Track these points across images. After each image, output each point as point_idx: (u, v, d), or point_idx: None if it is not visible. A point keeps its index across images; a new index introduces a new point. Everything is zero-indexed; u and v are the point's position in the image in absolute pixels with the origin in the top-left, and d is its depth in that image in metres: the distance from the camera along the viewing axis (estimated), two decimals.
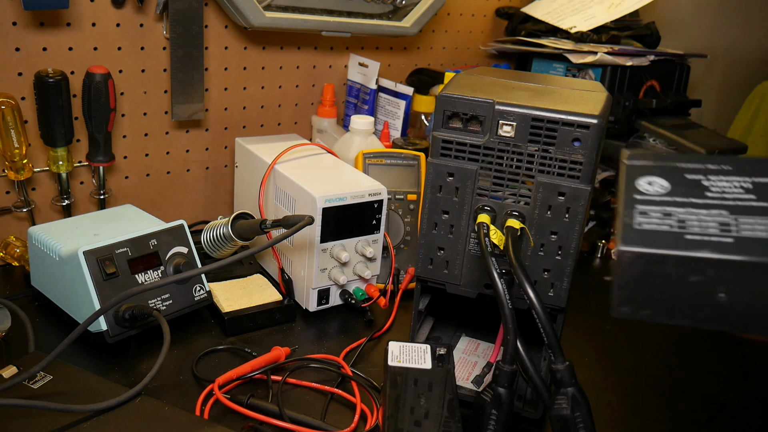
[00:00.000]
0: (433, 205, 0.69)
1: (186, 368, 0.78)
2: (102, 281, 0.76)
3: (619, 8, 1.21)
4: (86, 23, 0.95)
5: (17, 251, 0.94)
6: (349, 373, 0.78)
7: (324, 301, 0.91)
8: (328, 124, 1.19)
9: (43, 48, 0.92)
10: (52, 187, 0.99)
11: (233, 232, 0.88)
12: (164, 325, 0.73)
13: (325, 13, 1.10)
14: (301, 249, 0.89)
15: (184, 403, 0.71)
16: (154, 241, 0.82)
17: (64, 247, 0.79)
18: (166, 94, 1.05)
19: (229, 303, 0.87)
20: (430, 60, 1.34)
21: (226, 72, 1.09)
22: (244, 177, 1.06)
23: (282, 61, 1.15)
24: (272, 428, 0.68)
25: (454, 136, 0.67)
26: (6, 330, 0.78)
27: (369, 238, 0.91)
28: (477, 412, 0.62)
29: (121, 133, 1.03)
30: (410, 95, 1.19)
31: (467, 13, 1.35)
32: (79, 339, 0.70)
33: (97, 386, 0.68)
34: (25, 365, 0.70)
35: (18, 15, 0.90)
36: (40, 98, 0.89)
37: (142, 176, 1.07)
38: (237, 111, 1.13)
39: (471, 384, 0.77)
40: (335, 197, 0.85)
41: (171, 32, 0.99)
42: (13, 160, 0.90)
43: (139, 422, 0.64)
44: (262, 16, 1.02)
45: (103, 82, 0.91)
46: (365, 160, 1.01)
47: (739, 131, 1.88)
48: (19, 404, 0.62)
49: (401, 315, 0.93)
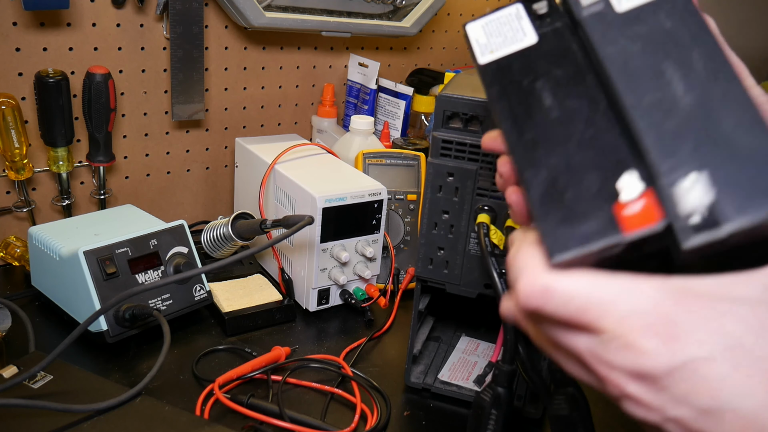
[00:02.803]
0: (433, 205, 0.69)
1: (186, 368, 0.78)
2: (102, 281, 0.76)
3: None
4: (86, 23, 0.95)
5: (17, 251, 0.94)
6: (349, 373, 0.78)
7: (324, 301, 0.91)
8: (328, 124, 1.19)
9: (44, 48, 0.93)
10: (53, 187, 0.99)
11: (233, 232, 0.88)
12: (164, 325, 0.73)
13: (325, 13, 1.10)
14: (301, 249, 0.89)
15: (184, 403, 0.71)
16: (155, 241, 0.82)
17: (64, 247, 0.79)
18: (166, 94, 1.05)
19: (229, 303, 0.87)
20: (430, 60, 1.34)
21: (226, 72, 1.09)
22: (244, 177, 1.06)
23: (282, 61, 1.15)
24: (272, 428, 0.68)
25: (454, 136, 0.67)
26: (6, 330, 0.78)
27: (369, 238, 0.91)
28: (476, 412, 0.62)
29: (121, 133, 1.03)
30: (410, 95, 1.19)
31: (467, 13, 1.35)
32: (80, 339, 0.70)
33: (97, 386, 0.68)
34: (26, 365, 0.70)
35: (18, 15, 0.90)
36: (41, 98, 0.89)
37: (142, 176, 1.07)
38: (237, 111, 1.13)
39: (472, 384, 0.77)
40: (335, 197, 0.86)
41: (171, 32, 0.99)
42: (13, 160, 0.90)
43: (139, 422, 0.64)
44: (262, 16, 1.02)
45: (104, 82, 0.91)
46: (365, 160, 1.01)
47: None
48: (19, 404, 0.62)
49: (401, 315, 0.93)
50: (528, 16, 0.41)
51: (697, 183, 0.32)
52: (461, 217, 0.69)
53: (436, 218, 0.69)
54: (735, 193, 0.32)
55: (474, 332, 0.87)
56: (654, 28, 0.36)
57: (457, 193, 0.68)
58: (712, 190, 0.32)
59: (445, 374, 0.79)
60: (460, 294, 0.72)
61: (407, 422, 0.73)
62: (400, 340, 0.88)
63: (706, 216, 0.32)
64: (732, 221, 0.31)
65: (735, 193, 0.32)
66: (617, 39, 0.36)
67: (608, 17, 0.37)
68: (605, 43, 0.37)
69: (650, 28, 0.36)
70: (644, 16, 0.36)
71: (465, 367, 0.80)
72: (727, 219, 0.31)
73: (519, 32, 0.41)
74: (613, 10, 0.37)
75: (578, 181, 0.35)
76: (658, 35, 0.36)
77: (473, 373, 0.79)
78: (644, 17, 0.36)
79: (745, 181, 0.32)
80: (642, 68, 0.36)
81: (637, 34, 0.36)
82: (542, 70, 0.39)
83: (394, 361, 0.83)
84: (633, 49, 0.36)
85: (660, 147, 0.34)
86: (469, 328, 0.88)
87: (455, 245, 0.70)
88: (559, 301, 0.34)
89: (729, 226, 0.31)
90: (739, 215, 0.31)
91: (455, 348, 0.84)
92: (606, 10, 0.37)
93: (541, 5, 0.41)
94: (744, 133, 0.33)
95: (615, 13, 0.37)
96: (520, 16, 0.41)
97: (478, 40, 0.42)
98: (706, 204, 0.32)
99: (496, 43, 0.41)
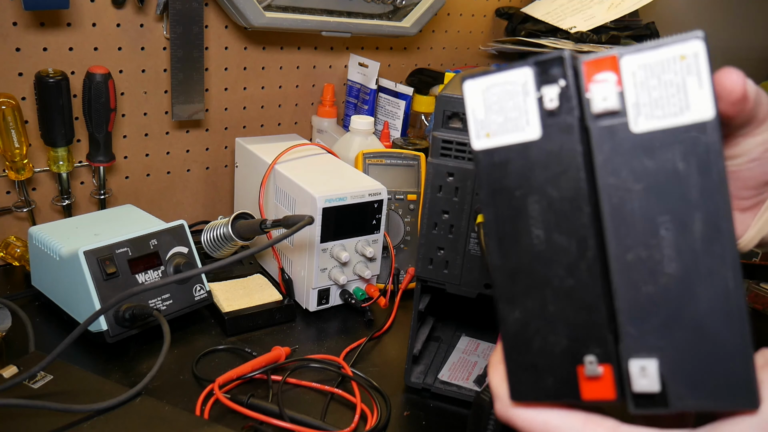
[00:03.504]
0: (433, 205, 0.69)
1: (186, 368, 0.78)
2: (102, 281, 0.76)
3: (619, 8, 1.21)
4: (86, 23, 0.95)
5: (18, 251, 0.94)
6: (349, 373, 0.78)
7: (324, 301, 0.91)
8: (328, 124, 1.19)
9: (44, 48, 0.93)
10: (53, 187, 0.99)
11: (233, 232, 0.88)
12: (164, 325, 0.73)
13: (325, 13, 1.10)
14: (301, 249, 0.89)
15: (184, 403, 0.71)
16: (155, 241, 0.82)
17: (64, 247, 0.79)
18: (166, 94, 1.05)
19: (229, 303, 0.87)
20: (430, 60, 1.34)
21: (226, 72, 1.09)
22: (244, 177, 1.06)
23: (282, 61, 1.15)
24: (272, 428, 0.68)
25: (454, 136, 0.67)
26: (6, 330, 0.78)
27: (369, 238, 0.91)
28: (476, 412, 0.62)
29: (121, 133, 1.03)
30: (410, 95, 1.19)
31: (467, 13, 1.35)
32: (80, 339, 0.70)
33: (97, 386, 0.68)
34: (26, 365, 0.70)
35: (18, 15, 0.90)
36: (41, 98, 0.89)
37: (142, 176, 1.07)
38: (237, 111, 1.13)
39: (472, 384, 0.77)
40: (335, 197, 0.86)
41: (171, 32, 0.99)
42: (13, 160, 0.90)
43: (139, 422, 0.64)
44: (262, 16, 1.02)
45: (104, 82, 0.91)
46: (365, 160, 1.01)
47: None
48: (19, 404, 0.62)
49: (401, 315, 0.93)
50: (536, 90, 0.34)
51: (653, 365, 0.33)
52: (461, 217, 0.69)
53: (436, 218, 0.69)
54: (686, 381, 0.33)
55: (474, 332, 0.87)
56: (664, 168, 0.32)
57: (457, 193, 0.68)
58: (667, 374, 0.33)
59: (445, 374, 0.79)
60: (460, 294, 0.72)
61: (407, 422, 0.73)
62: (400, 340, 0.88)
63: (657, 397, 0.33)
64: (677, 407, 0.33)
65: (686, 381, 0.33)
66: (621, 170, 0.33)
67: (620, 135, 0.33)
68: (608, 171, 0.33)
69: (659, 167, 0.32)
70: (659, 147, 0.32)
71: (465, 367, 0.80)
72: (673, 404, 0.33)
73: (522, 116, 0.35)
74: (627, 128, 0.33)
75: (549, 333, 0.35)
76: (666, 179, 0.32)
77: (473, 373, 0.79)
78: (659, 148, 0.32)
79: (700, 371, 0.33)
80: (637, 216, 0.33)
81: (645, 169, 0.33)
82: (538, 183, 0.35)
83: (394, 361, 0.83)
84: (634, 188, 0.33)
85: (630, 313, 0.34)
86: (469, 328, 0.88)
87: (455, 245, 0.70)
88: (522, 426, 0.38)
89: (674, 408, 0.33)
90: (683, 403, 0.33)
91: (455, 348, 0.84)
92: (620, 126, 0.33)
93: (550, 94, 0.34)
94: (715, 321, 0.32)
95: (629, 132, 0.33)
96: (528, 90, 0.35)
97: (475, 112, 0.36)
98: (656, 389, 0.33)
99: (494, 123, 0.36)
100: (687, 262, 0.32)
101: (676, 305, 0.33)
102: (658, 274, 0.33)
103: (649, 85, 0.32)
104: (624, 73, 0.33)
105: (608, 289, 0.34)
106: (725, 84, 0.37)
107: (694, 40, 0.32)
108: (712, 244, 0.32)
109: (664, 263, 0.33)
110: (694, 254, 0.32)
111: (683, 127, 0.32)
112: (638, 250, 0.33)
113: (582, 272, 0.34)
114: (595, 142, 0.33)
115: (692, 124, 0.32)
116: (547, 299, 0.35)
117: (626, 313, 0.34)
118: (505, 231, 0.36)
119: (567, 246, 0.34)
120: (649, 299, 0.33)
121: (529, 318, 0.36)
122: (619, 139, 0.33)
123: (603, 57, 0.33)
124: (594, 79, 0.33)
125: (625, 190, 0.33)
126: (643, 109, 0.33)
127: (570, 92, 0.34)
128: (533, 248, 0.35)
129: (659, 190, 0.33)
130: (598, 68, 0.33)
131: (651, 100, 0.32)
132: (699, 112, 0.32)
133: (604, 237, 0.34)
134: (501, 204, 0.36)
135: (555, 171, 0.34)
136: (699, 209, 0.32)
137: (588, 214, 0.34)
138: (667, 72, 0.32)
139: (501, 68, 0.35)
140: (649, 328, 0.33)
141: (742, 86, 0.37)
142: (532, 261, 0.35)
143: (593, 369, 0.34)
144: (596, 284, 0.34)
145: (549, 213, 0.34)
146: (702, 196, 0.32)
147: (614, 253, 0.33)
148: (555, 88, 0.34)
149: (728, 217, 0.32)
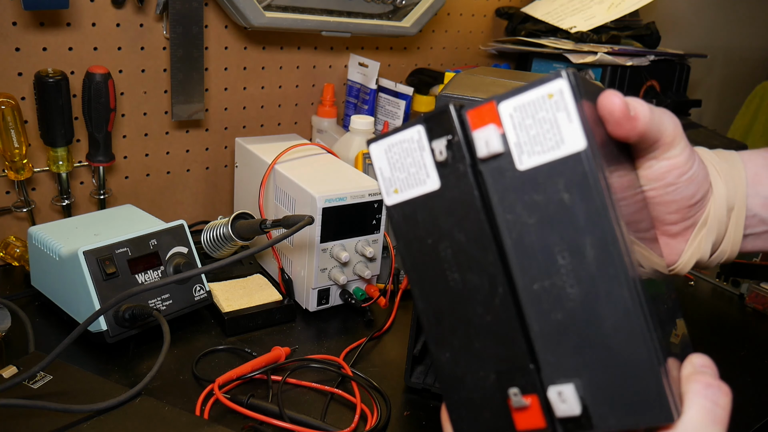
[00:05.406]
0: None
1: (186, 368, 0.78)
2: (102, 281, 0.76)
3: (619, 8, 1.21)
4: (86, 23, 0.95)
5: (17, 251, 0.94)
6: (349, 373, 0.78)
7: (324, 301, 0.91)
8: (328, 124, 1.19)
9: (43, 48, 0.92)
10: (52, 187, 0.99)
11: (233, 232, 0.88)
12: (164, 325, 0.73)
13: (325, 13, 1.10)
14: (301, 249, 0.89)
15: (184, 403, 0.71)
16: (154, 241, 0.82)
17: (64, 247, 0.79)
18: (166, 94, 1.05)
19: (229, 303, 0.87)
20: (430, 60, 1.34)
21: (226, 72, 1.09)
22: (244, 177, 1.06)
23: (282, 61, 1.15)
24: (272, 428, 0.68)
25: None
26: (6, 330, 0.78)
27: (369, 238, 0.91)
28: None
29: (121, 133, 1.03)
30: (410, 95, 1.19)
31: (467, 13, 1.35)
32: (79, 339, 0.70)
33: (97, 386, 0.68)
34: (25, 365, 0.70)
35: (18, 15, 0.90)
36: (40, 98, 0.89)
37: (142, 176, 1.07)
38: (237, 111, 1.13)
39: None
40: (335, 197, 0.85)
41: (171, 32, 0.99)
42: (13, 160, 0.90)
43: (139, 422, 0.64)
44: (262, 16, 1.02)
45: (103, 82, 0.91)
46: (365, 160, 1.01)
47: (739, 131, 1.88)
48: (19, 404, 0.62)
49: (401, 315, 0.93)
50: (429, 147, 0.36)
51: (570, 389, 0.34)
52: None
53: None
54: (605, 401, 0.34)
55: None
56: (551, 200, 0.34)
57: None
58: (587, 396, 0.34)
59: None
60: None
61: (407, 422, 0.73)
62: (400, 340, 0.88)
63: (581, 420, 0.35)
64: (602, 427, 0.34)
65: (605, 401, 0.34)
66: (515, 206, 0.35)
67: (509, 175, 0.35)
68: (504, 208, 0.35)
69: (548, 199, 0.34)
70: (544, 181, 0.34)
71: None
72: (597, 426, 0.34)
73: (422, 170, 0.37)
74: (514, 167, 0.35)
75: (478, 369, 0.37)
76: (555, 210, 0.34)
77: None
78: (544, 182, 0.34)
79: (615, 390, 0.34)
80: (535, 248, 0.34)
81: (535, 203, 0.34)
82: (446, 229, 0.36)
83: (394, 361, 0.83)
84: (529, 222, 0.34)
85: (544, 341, 0.35)
86: None
87: None
88: None
89: (599, 429, 0.34)
90: (607, 423, 0.34)
91: None
92: (507, 165, 0.35)
93: (440, 147, 0.36)
94: (620, 340, 0.33)
95: (516, 170, 0.34)
96: (422, 146, 0.37)
97: (382, 171, 0.38)
98: (577, 412, 0.34)
99: (399, 179, 0.38)
100: (586, 287, 0.34)
101: (584, 328, 0.34)
102: (564, 300, 0.34)
103: (526, 125, 0.34)
104: (503, 116, 0.35)
105: (524, 321, 0.35)
106: (604, 106, 0.38)
107: (557, 79, 0.33)
108: (606, 266, 0.33)
109: (566, 289, 0.34)
110: (592, 278, 0.34)
111: (561, 160, 0.34)
112: (542, 280, 0.35)
113: (497, 307, 0.36)
114: (488, 183, 0.35)
115: (569, 155, 0.33)
116: (471, 336, 0.37)
117: (541, 342, 0.35)
118: (425, 277, 0.38)
119: (480, 284, 0.36)
120: (559, 325, 0.34)
121: (458, 356, 0.37)
122: (509, 177, 0.35)
123: (482, 105, 0.35)
124: (477, 127, 0.35)
125: (522, 225, 0.35)
126: (524, 147, 0.34)
127: (460, 142, 0.36)
128: (451, 290, 0.37)
129: (551, 221, 0.34)
130: (479, 115, 0.35)
131: (530, 138, 0.34)
132: (572, 144, 0.33)
133: (511, 271, 0.35)
134: (416, 253, 0.38)
135: (458, 216, 0.36)
136: (588, 234, 0.33)
137: (494, 252, 0.35)
138: (540, 111, 0.34)
139: (398, 128, 0.38)
140: (564, 353, 0.35)
141: (620, 105, 0.38)
142: (452, 302, 0.37)
143: (518, 400, 0.36)
144: (511, 317, 0.35)
145: (460, 255, 0.36)
146: (588, 222, 0.33)
147: (521, 284, 0.35)
148: (443, 141, 0.36)
149: (615, 240, 0.33)
